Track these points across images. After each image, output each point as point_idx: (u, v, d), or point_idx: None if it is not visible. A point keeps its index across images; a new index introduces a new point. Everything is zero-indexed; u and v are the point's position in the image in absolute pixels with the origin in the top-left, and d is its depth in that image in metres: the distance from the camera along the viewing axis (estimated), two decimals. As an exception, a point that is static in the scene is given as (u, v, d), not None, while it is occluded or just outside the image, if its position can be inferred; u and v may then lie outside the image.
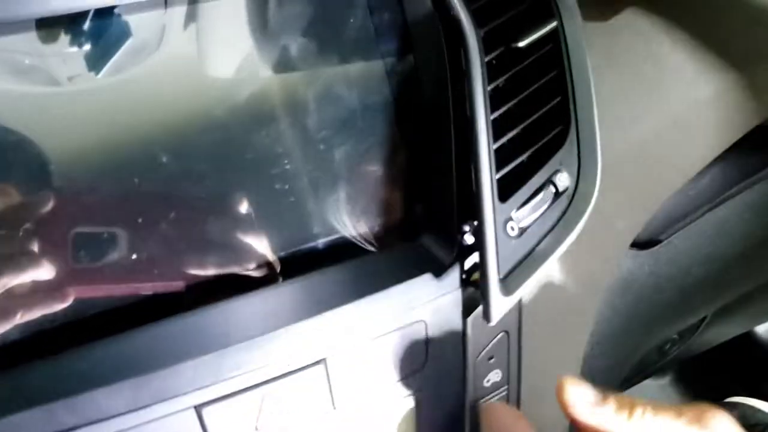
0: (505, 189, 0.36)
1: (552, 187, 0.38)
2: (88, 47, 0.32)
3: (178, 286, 0.35)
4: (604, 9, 0.47)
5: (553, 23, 0.38)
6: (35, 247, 0.32)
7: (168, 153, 0.34)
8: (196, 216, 0.35)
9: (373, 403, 0.36)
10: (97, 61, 0.32)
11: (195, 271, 0.35)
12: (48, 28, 0.30)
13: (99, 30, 0.32)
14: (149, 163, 0.34)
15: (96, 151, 0.33)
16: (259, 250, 0.37)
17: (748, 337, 1.01)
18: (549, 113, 0.38)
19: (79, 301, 0.33)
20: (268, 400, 0.34)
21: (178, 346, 0.33)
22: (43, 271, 0.32)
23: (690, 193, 0.56)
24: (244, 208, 0.36)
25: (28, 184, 0.32)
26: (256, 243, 0.37)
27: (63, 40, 0.31)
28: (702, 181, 0.55)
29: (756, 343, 1.01)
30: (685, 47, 0.44)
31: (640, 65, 0.46)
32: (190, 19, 0.34)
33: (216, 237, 0.36)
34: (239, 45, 0.36)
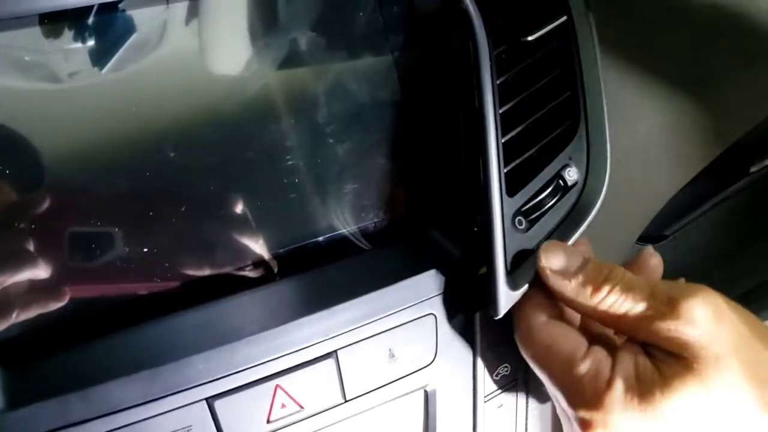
0: (514, 183, 0.36)
1: (561, 182, 0.38)
2: (91, 43, 0.32)
3: (191, 281, 0.35)
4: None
5: (563, 17, 0.38)
6: (43, 244, 0.32)
7: (173, 149, 0.34)
8: (205, 211, 0.35)
9: (383, 395, 0.37)
10: (101, 56, 0.32)
11: (206, 267, 0.36)
12: (51, 23, 0.30)
13: (104, 25, 0.32)
14: (157, 159, 0.34)
15: (97, 148, 0.33)
16: (269, 245, 0.37)
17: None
18: (558, 107, 0.38)
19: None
20: (280, 392, 0.34)
21: (191, 339, 0.33)
22: (53, 269, 0.32)
23: (693, 190, 0.56)
24: (254, 203, 0.36)
25: (31, 181, 0.31)
26: (267, 238, 0.37)
27: (66, 35, 0.31)
28: (703, 179, 0.55)
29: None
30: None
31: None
32: (192, 14, 0.34)
33: (227, 232, 0.36)
34: (243, 40, 0.36)
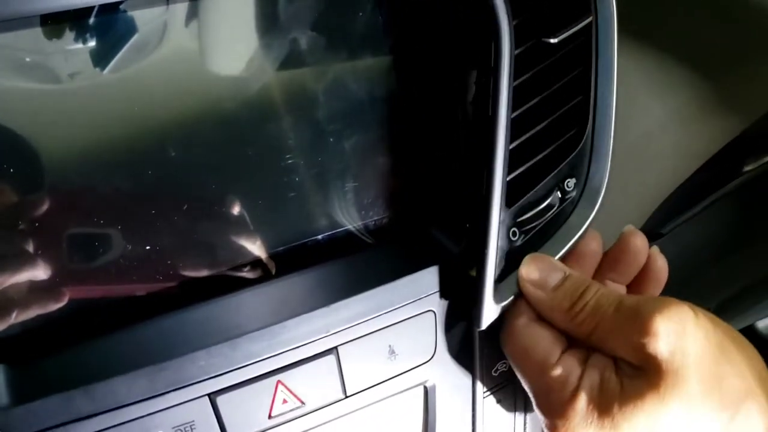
0: (513, 193, 0.35)
1: (559, 193, 0.37)
2: (92, 43, 0.31)
3: (193, 279, 0.36)
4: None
5: (589, 18, 0.35)
6: (44, 244, 0.32)
7: (174, 148, 0.34)
8: (207, 210, 0.35)
9: (383, 391, 0.37)
10: (102, 57, 0.32)
11: (208, 264, 0.36)
12: (53, 24, 0.30)
13: (106, 25, 0.31)
14: (158, 158, 0.33)
15: (98, 148, 0.32)
16: (270, 243, 0.37)
17: (748, 333, 1.01)
18: (566, 113, 0.36)
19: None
20: (281, 388, 0.34)
21: (193, 336, 0.33)
22: (53, 269, 0.32)
23: (689, 188, 0.56)
24: (255, 201, 0.36)
25: (33, 182, 0.31)
26: (268, 236, 0.37)
27: (67, 36, 0.30)
28: (698, 178, 0.56)
29: (757, 338, 1.01)
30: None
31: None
32: (192, 14, 0.34)
33: (229, 231, 0.36)
34: (243, 40, 0.36)
